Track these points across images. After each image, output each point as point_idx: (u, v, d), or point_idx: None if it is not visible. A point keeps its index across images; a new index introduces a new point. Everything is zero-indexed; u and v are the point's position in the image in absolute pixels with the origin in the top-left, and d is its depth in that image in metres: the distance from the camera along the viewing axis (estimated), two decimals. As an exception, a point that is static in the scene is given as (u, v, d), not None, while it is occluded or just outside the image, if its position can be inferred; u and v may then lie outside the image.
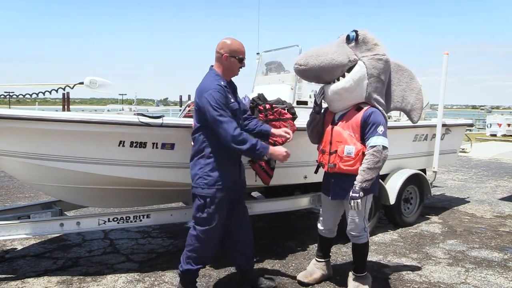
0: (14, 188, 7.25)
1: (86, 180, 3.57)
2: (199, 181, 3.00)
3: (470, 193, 7.51)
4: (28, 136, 3.26)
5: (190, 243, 3.11)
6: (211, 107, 2.84)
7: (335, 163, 3.17)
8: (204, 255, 3.15)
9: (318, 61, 3.08)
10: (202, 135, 3.00)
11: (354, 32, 3.20)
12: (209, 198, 3.00)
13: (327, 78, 3.20)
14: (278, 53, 5.40)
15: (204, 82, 3.01)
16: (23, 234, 3.49)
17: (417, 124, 5.63)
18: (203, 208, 3.02)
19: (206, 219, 3.04)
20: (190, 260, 3.12)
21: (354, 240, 3.30)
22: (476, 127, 25.28)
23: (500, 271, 3.89)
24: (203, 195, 3.00)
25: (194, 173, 3.04)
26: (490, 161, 12.15)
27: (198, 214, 3.05)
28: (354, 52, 3.19)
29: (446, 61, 5.50)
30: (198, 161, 3.02)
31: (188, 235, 3.14)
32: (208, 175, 2.98)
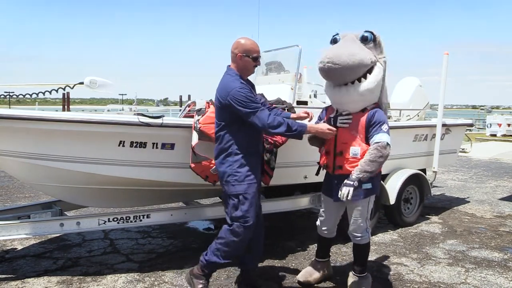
0: (14, 188, 7.25)
1: (86, 180, 3.57)
2: (229, 178, 3.05)
3: (470, 193, 7.52)
4: (28, 136, 3.26)
5: (224, 236, 3.11)
6: (241, 103, 2.93)
7: (341, 165, 3.16)
8: (234, 250, 3.15)
9: (350, 60, 3.03)
10: (227, 133, 3.06)
11: (370, 33, 3.18)
12: (241, 195, 3.05)
13: (349, 78, 3.14)
14: (278, 53, 5.40)
15: (225, 81, 3.07)
16: (23, 234, 3.49)
17: (417, 124, 5.67)
18: (237, 205, 3.07)
19: (242, 217, 3.07)
20: (219, 253, 3.12)
21: (356, 241, 3.30)
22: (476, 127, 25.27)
23: (500, 271, 3.89)
24: (235, 193, 3.05)
25: (223, 171, 3.08)
26: (490, 161, 12.15)
27: (234, 214, 3.08)
28: (372, 53, 3.19)
29: (446, 61, 5.51)
30: (225, 159, 3.07)
31: (223, 229, 3.14)
32: (237, 172, 3.04)
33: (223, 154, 3.08)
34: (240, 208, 3.05)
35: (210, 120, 3.41)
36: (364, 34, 3.19)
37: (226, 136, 3.06)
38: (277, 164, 3.88)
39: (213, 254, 3.13)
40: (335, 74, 3.12)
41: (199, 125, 3.42)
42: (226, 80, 3.07)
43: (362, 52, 3.11)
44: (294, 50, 4.85)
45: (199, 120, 3.45)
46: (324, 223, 3.49)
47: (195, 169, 3.46)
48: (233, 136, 3.05)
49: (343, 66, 3.03)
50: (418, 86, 6.18)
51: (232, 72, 3.10)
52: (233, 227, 3.09)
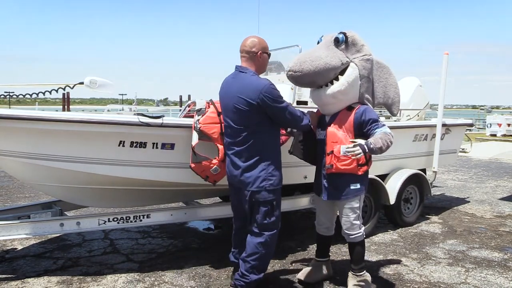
0: (14, 188, 7.25)
1: (86, 180, 3.57)
2: (263, 183, 2.93)
3: (470, 193, 7.52)
4: (28, 136, 3.26)
5: (257, 251, 3.00)
6: (276, 100, 2.89)
7: (332, 164, 3.17)
8: (268, 260, 3.11)
9: (312, 66, 3.07)
10: (256, 136, 2.94)
11: (342, 34, 3.21)
12: (274, 201, 3.00)
13: (320, 82, 3.20)
14: (278, 53, 5.40)
15: (251, 81, 2.92)
16: (23, 234, 3.49)
17: (417, 124, 5.67)
18: (272, 212, 3.00)
19: (275, 222, 3.04)
20: (255, 269, 3.03)
21: (350, 239, 3.30)
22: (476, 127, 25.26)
23: (500, 271, 3.89)
24: (269, 200, 2.97)
25: (255, 176, 2.94)
26: (490, 161, 12.15)
27: (266, 220, 2.99)
28: (345, 54, 3.21)
29: (446, 61, 5.51)
30: (258, 164, 2.94)
31: (251, 244, 3.02)
32: (272, 175, 2.97)
33: (254, 159, 2.94)
34: (274, 215, 3.00)
35: (210, 120, 3.41)
36: (336, 36, 3.21)
37: (255, 140, 2.93)
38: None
39: (250, 273, 3.03)
40: (299, 81, 3.19)
41: (199, 125, 3.42)
42: (251, 80, 2.93)
43: (329, 55, 3.13)
44: (294, 50, 4.85)
45: (199, 120, 3.45)
46: (321, 221, 3.52)
47: (195, 169, 3.45)
48: (264, 138, 2.96)
49: (305, 73, 3.07)
50: (418, 86, 6.18)
51: (251, 72, 3.00)
52: (265, 239, 3.00)
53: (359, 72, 3.21)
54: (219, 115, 3.45)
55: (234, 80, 3.03)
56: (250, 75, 2.98)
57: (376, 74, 3.42)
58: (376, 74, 3.42)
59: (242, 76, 2.99)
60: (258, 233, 3.02)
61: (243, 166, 2.98)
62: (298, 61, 3.11)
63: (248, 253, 3.04)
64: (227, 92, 3.04)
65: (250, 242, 3.05)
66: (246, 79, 2.96)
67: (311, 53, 3.16)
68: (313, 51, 3.19)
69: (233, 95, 2.94)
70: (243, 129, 2.95)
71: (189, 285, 3.48)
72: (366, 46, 3.31)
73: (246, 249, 3.07)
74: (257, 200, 2.96)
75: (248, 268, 3.03)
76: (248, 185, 2.96)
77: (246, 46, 3.03)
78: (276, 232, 3.07)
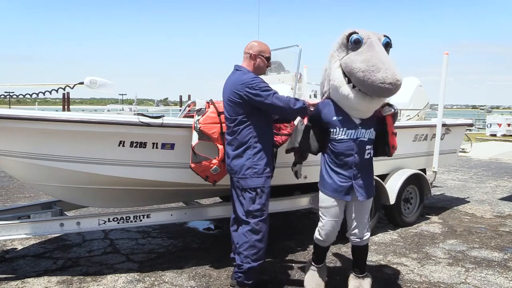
0: (14, 188, 7.25)
1: (86, 180, 3.57)
2: (248, 171, 3.09)
3: (470, 193, 7.52)
4: (28, 136, 3.26)
5: (246, 240, 3.12)
6: (259, 89, 3.03)
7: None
8: (261, 248, 3.16)
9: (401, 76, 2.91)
10: (245, 126, 3.11)
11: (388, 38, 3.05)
12: (259, 188, 3.11)
13: None
14: (278, 53, 5.40)
15: (237, 76, 3.16)
16: (23, 234, 3.49)
17: (417, 124, 5.67)
18: (255, 199, 3.11)
19: (260, 210, 3.13)
20: (249, 258, 3.12)
21: (359, 242, 3.21)
22: (476, 127, 25.25)
23: (500, 271, 3.89)
24: (254, 187, 3.10)
25: (241, 164, 3.11)
26: (490, 161, 12.15)
27: (252, 207, 3.11)
28: None
29: (446, 61, 5.51)
30: (245, 152, 3.11)
31: (240, 234, 3.16)
32: (256, 164, 3.11)
33: (242, 148, 3.12)
34: (258, 201, 3.11)
35: (210, 120, 3.41)
36: (388, 41, 3.03)
37: (244, 129, 3.11)
38: (277, 164, 3.88)
39: (245, 262, 3.11)
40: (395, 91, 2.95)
41: (199, 125, 3.42)
42: (238, 74, 3.17)
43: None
44: (294, 50, 4.85)
45: (199, 120, 3.45)
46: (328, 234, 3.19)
47: (195, 169, 3.46)
48: (251, 128, 3.11)
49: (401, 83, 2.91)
50: (418, 86, 6.18)
51: (243, 69, 3.21)
52: (252, 225, 3.10)
53: None
54: (219, 115, 3.46)
55: (230, 77, 3.26)
56: (240, 71, 3.20)
57: None
58: None
59: (236, 73, 3.22)
60: (245, 221, 3.13)
61: (232, 155, 3.17)
62: (392, 70, 2.84)
63: (240, 244, 3.15)
64: (225, 87, 3.26)
65: (239, 232, 3.19)
66: (234, 75, 3.21)
67: (392, 59, 2.95)
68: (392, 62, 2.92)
69: (227, 89, 3.19)
70: (233, 120, 3.15)
71: (189, 285, 3.48)
72: None
73: (236, 241, 3.21)
74: (242, 187, 3.12)
75: (242, 258, 3.14)
76: (235, 173, 3.15)
77: (246, 47, 3.29)
78: (263, 219, 3.15)
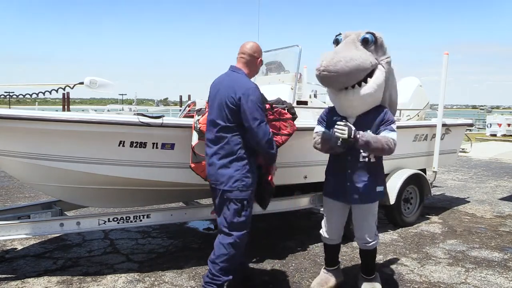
0: (14, 188, 7.25)
1: (86, 180, 3.57)
2: (236, 184, 2.91)
3: (470, 193, 7.51)
4: (28, 136, 3.26)
5: (225, 252, 2.96)
6: (257, 107, 2.88)
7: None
8: (236, 263, 3.06)
9: (347, 67, 2.93)
10: (235, 135, 2.93)
11: (371, 34, 3.08)
12: (245, 201, 2.96)
13: (350, 83, 3.05)
14: (278, 53, 5.40)
15: (240, 81, 2.95)
16: (23, 234, 3.49)
17: (417, 124, 5.67)
18: (241, 211, 2.96)
19: (244, 223, 2.99)
20: (223, 271, 2.97)
21: (367, 246, 3.20)
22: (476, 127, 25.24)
23: (500, 271, 3.89)
24: (240, 198, 2.94)
25: (229, 175, 2.92)
26: (490, 161, 12.15)
27: (236, 219, 2.95)
28: (374, 55, 3.09)
29: (446, 61, 5.50)
30: (233, 163, 2.92)
31: (219, 245, 2.99)
32: (246, 177, 2.94)
33: (230, 158, 2.93)
34: (243, 213, 2.97)
35: None
36: (365, 36, 3.07)
37: (234, 139, 2.93)
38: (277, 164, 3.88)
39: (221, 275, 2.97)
40: (331, 81, 3.03)
41: (199, 125, 3.42)
42: (241, 80, 2.96)
43: (361, 56, 3.01)
44: (294, 50, 4.86)
45: (199, 120, 3.45)
46: (328, 231, 3.33)
47: (195, 169, 3.45)
48: (242, 138, 2.94)
49: (340, 73, 2.94)
50: (418, 86, 6.18)
51: (244, 74, 3.04)
52: (234, 239, 2.96)
53: (385, 74, 3.11)
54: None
55: (226, 79, 3.03)
56: (243, 76, 3.02)
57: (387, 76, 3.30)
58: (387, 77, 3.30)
59: (235, 76, 3.02)
60: (227, 233, 2.98)
61: (218, 164, 2.96)
62: (333, 60, 2.96)
63: (217, 255, 2.99)
64: (218, 90, 3.03)
65: (218, 243, 3.01)
66: (237, 79, 2.99)
67: (344, 53, 3.00)
68: (344, 51, 3.02)
69: (223, 93, 2.95)
70: (222, 127, 2.95)
71: (189, 285, 3.48)
72: (387, 48, 3.21)
73: (214, 251, 3.02)
74: (228, 198, 2.94)
75: (217, 270, 2.96)
76: (221, 184, 2.95)
77: (248, 49, 3.08)
78: (246, 233, 3.02)
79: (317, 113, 5.01)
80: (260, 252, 4.21)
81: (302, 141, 3.93)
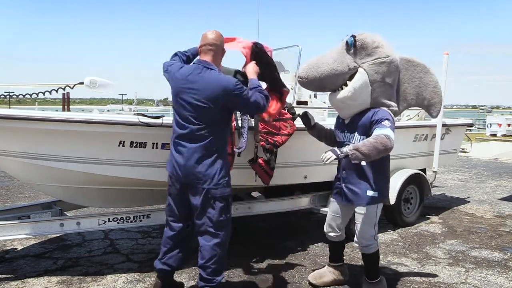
0: (14, 188, 7.25)
1: (86, 180, 3.57)
2: (222, 181, 2.87)
3: (470, 193, 7.51)
4: (28, 136, 3.26)
5: (215, 253, 2.90)
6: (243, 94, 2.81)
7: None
8: (225, 260, 3.03)
9: (318, 73, 3.02)
10: (215, 132, 2.86)
11: (352, 37, 3.06)
12: (229, 197, 2.95)
13: (330, 87, 3.14)
14: (278, 53, 5.39)
15: (216, 77, 2.82)
16: (23, 234, 3.49)
17: (417, 124, 5.67)
18: (227, 209, 2.94)
19: (229, 220, 2.98)
20: (217, 272, 2.93)
21: (363, 250, 3.23)
22: (476, 127, 25.24)
23: (500, 271, 3.89)
24: (226, 195, 2.91)
25: (214, 173, 2.84)
26: (490, 161, 12.15)
27: (222, 217, 2.90)
28: (353, 59, 3.08)
29: (446, 61, 5.50)
30: (216, 161, 2.86)
31: (207, 248, 2.91)
32: (227, 173, 2.94)
33: (214, 156, 2.86)
34: (227, 211, 2.94)
35: None
36: (346, 40, 3.08)
37: (215, 136, 2.86)
38: (277, 164, 3.88)
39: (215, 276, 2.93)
40: (307, 87, 3.22)
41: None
42: (220, 77, 2.83)
43: (336, 61, 3.04)
44: (294, 50, 4.86)
45: None
46: (331, 227, 3.41)
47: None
48: (220, 136, 2.91)
49: (310, 80, 3.07)
50: (418, 86, 6.18)
51: (216, 68, 2.90)
52: (221, 239, 2.91)
53: (368, 77, 3.05)
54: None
55: (200, 76, 2.84)
56: (216, 72, 2.86)
57: (405, 74, 3.26)
58: (405, 74, 3.26)
59: (210, 74, 2.84)
60: (213, 233, 2.90)
61: (201, 163, 2.84)
62: (306, 67, 3.08)
63: (207, 258, 2.90)
64: (190, 86, 2.84)
65: (205, 245, 2.92)
66: (213, 77, 2.83)
67: (319, 58, 3.09)
68: (322, 56, 3.11)
69: (200, 92, 2.80)
70: (204, 126, 2.83)
71: (189, 285, 3.48)
72: (382, 48, 3.09)
73: (202, 255, 2.93)
74: (214, 196, 2.86)
75: (210, 272, 2.91)
76: (205, 182, 2.85)
77: (213, 39, 2.92)
78: (230, 231, 3.00)
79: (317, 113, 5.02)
80: (260, 252, 4.21)
81: (302, 141, 3.93)
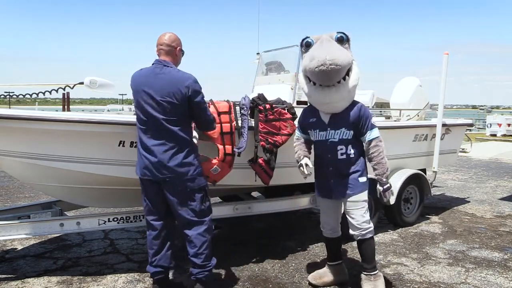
0: (14, 188, 7.25)
1: (86, 180, 3.57)
2: (196, 171, 3.01)
3: (470, 193, 7.52)
4: (28, 136, 3.26)
5: (204, 240, 3.06)
6: (202, 95, 2.99)
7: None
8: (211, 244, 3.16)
9: (345, 61, 3.07)
10: (185, 127, 2.99)
11: (343, 34, 3.22)
12: (206, 187, 3.12)
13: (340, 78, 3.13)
14: (278, 53, 5.40)
15: (179, 75, 2.93)
16: (23, 234, 3.49)
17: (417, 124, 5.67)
18: (206, 197, 3.12)
19: (210, 206, 3.16)
20: (209, 257, 3.10)
21: (361, 235, 3.25)
22: (476, 127, 25.25)
23: (500, 271, 3.89)
24: (203, 186, 3.08)
25: (188, 166, 2.96)
26: (490, 161, 12.15)
27: (204, 205, 3.08)
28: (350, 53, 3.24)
29: (446, 61, 5.50)
30: (190, 154, 2.98)
31: (197, 237, 3.04)
32: (199, 164, 3.08)
33: (187, 149, 2.96)
34: (206, 199, 3.12)
35: None
36: (341, 35, 3.21)
37: (185, 130, 2.97)
38: (277, 164, 3.88)
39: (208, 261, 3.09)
40: (335, 75, 3.09)
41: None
42: (179, 73, 2.95)
43: (346, 54, 3.15)
44: (294, 50, 4.86)
45: None
46: (326, 224, 3.48)
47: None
48: (188, 129, 3.02)
49: (343, 67, 3.07)
50: (418, 86, 6.18)
51: (173, 65, 3.02)
52: (207, 224, 3.09)
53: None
54: (219, 115, 3.46)
55: (159, 74, 2.93)
56: (176, 69, 3.01)
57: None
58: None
59: (169, 70, 2.95)
60: (198, 221, 3.05)
61: (173, 158, 2.91)
62: (333, 55, 3.04)
63: (199, 246, 3.04)
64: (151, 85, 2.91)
65: (193, 234, 3.05)
66: (174, 73, 2.94)
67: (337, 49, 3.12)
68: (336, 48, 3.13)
69: (162, 89, 2.87)
70: (172, 122, 2.90)
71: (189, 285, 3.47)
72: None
73: (193, 244, 3.04)
74: (193, 188, 3.01)
75: (204, 258, 3.06)
76: (182, 176, 2.94)
77: (166, 40, 3.03)
78: (211, 213, 3.17)
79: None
80: (260, 252, 4.21)
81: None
